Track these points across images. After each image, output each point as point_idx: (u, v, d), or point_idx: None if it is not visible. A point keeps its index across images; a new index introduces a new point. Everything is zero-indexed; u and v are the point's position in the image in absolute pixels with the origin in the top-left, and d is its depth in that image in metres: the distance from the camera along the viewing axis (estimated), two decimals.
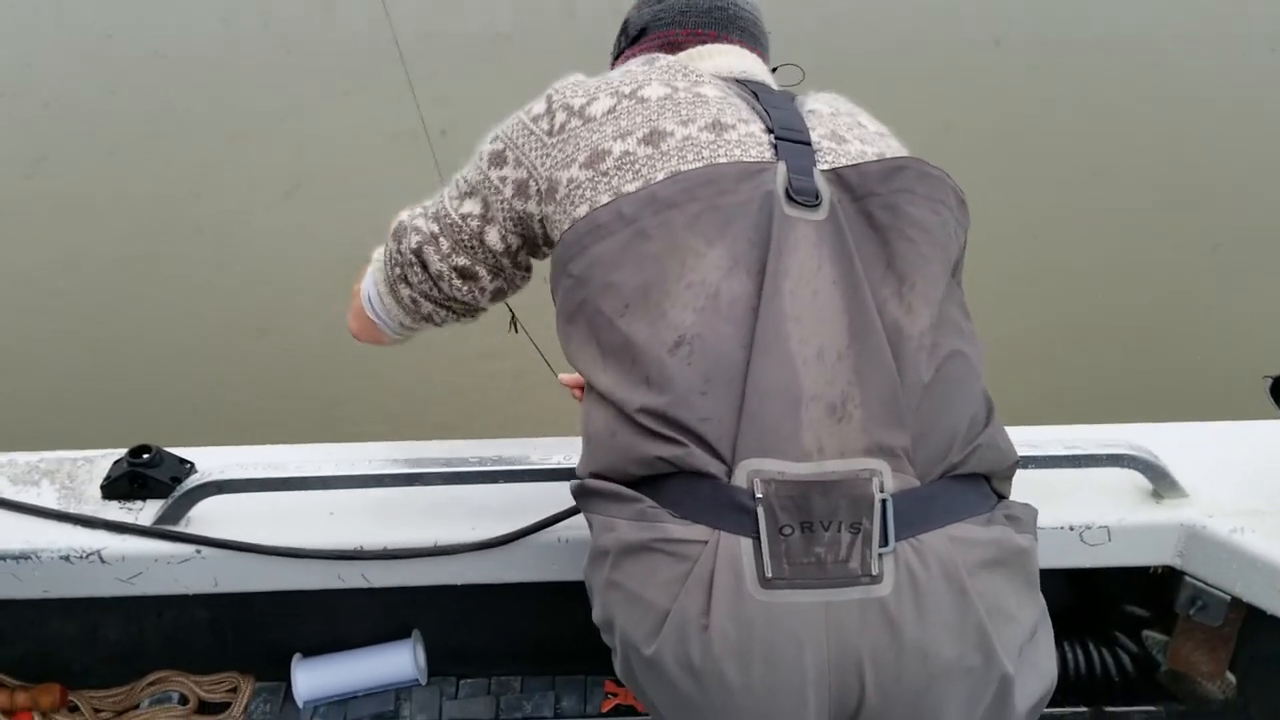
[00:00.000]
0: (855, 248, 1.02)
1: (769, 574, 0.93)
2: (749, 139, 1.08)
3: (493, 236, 1.19)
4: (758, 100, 1.14)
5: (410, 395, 1.49)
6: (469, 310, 1.28)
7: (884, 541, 0.94)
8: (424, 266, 1.22)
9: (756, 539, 0.94)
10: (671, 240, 1.02)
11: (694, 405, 0.97)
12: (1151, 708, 1.61)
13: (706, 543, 0.95)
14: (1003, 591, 0.98)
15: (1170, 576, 1.47)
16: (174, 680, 1.60)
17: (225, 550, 1.35)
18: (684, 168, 1.04)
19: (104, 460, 1.46)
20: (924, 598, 0.94)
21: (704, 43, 1.27)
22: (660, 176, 1.04)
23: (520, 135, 1.15)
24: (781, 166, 1.04)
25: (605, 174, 1.07)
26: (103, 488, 1.41)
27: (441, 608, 1.56)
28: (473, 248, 1.20)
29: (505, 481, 1.35)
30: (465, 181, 1.21)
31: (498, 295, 1.26)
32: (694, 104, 1.11)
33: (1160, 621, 1.56)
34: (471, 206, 1.19)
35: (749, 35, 1.30)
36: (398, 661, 1.59)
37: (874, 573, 0.93)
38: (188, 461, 1.45)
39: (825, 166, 1.06)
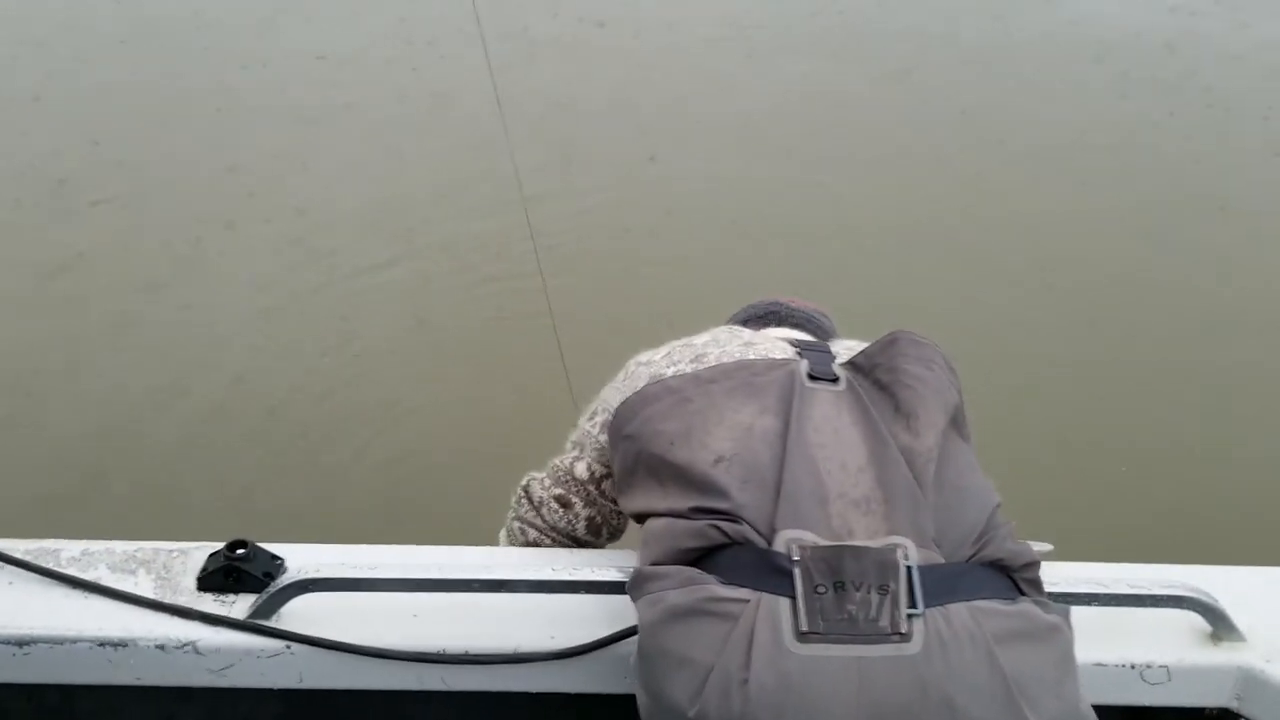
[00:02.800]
0: (869, 402, 1.25)
1: (805, 628, 1.04)
2: (776, 348, 1.38)
3: (581, 468, 1.51)
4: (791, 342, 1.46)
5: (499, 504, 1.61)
6: (574, 541, 1.55)
7: (911, 604, 1.05)
8: (529, 496, 1.54)
9: (794, 598, 1.06)
10: (710, 401, 1.26)
11: (736, 497, 1.14)
12: None
13: (749, 601, 1.06)
14: (1033, 662, 1.07)
15: (1227, 718, 1.50)
16: None
17: (313, 647, 1.40)
18: (721, 363, 1.32)
19: (198, 553, 1.52)
20: (952, 659, 1.03)
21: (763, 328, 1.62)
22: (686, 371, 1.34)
23: (605, 391, 1.50)
24: (804, 361, 1.31)
25: (657, 380, 1.37)
26: (199, 580, 1.47)
27: (518, 716, 1.59)
28: (567, 481, 1.52)
29: (586, 592, 1.41)
30: (571, 443, 1.55)
31: (592, 525, 1.54)
32: (731, 338, 1.42)
33: None
34: (572, 452, 1.53)
35: (801, 324, 1.62)
36: None
37: (903, 631, 1.04)
38: (279, 558, 1.51)
39: (841, 362, 1.34)
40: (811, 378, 1.30)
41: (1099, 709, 1.46)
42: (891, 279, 4.35)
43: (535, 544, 1.54)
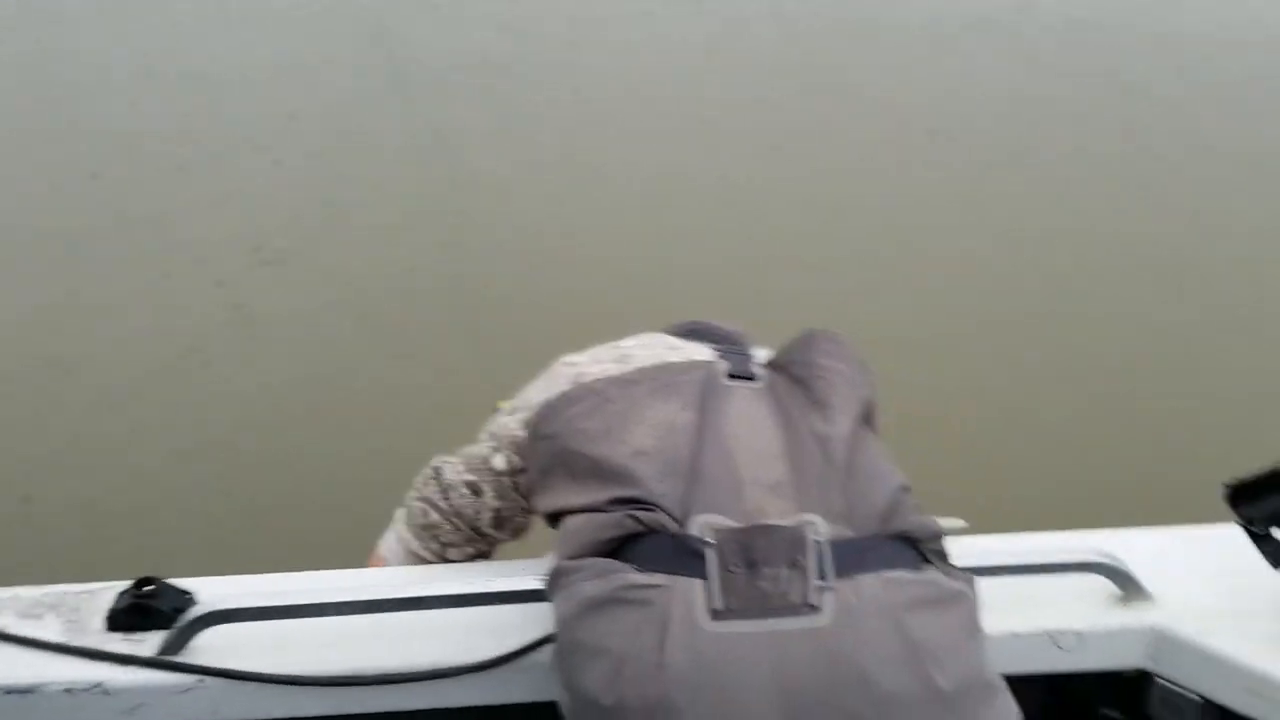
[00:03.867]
0: (784, 395, 1.30)
1: (718, 607, 1.06)
2: (699, 352, 1.44)
3: (499, 460, 1.50)
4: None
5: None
6: (474, 532, 1.54)
7: (821, 577, 1.08)
8: (438, 479, 1.54)
9: (707, 579, 1.08)
10: (631, 401, 1.28)
11: (652, 487, 1.17)
12: None
13: (663, 586, 1.08)
14: (939, 628, 1.10)
15: (1143, 679, 1.52)
16: None
17: (226, 679, 1.38)
18: (644, 365, 1.37)
19: (107, 593, 1.49)
20: (861, 628, 1.06)
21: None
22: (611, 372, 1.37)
23: (529, 389, 1.51)
24: (723, 362, 1.36)
25: (579, 381, 1.36)
26: (107, 620, 1.44)
27: None
28: (482, 469, 1.51)
29: (505, 603, 1.40)
30: (488, 434, 1.55)
31: (498, 518, 1.54)
32: (656, 342, 1.48)
33: None
34: (488, 443, 1.53)
35: (721, 341, 1.61)
36: None
37: (814, 603, 1.07)
38: (187, 592, 1.49)
39: (758, 360, 1.40)
40: (731, 376, 1.34)
41: (1017, 678, 1.48)
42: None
43: (434, 527, 1.53)
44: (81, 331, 3.96)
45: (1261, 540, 1.37)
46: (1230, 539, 1.44)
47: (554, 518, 1.30)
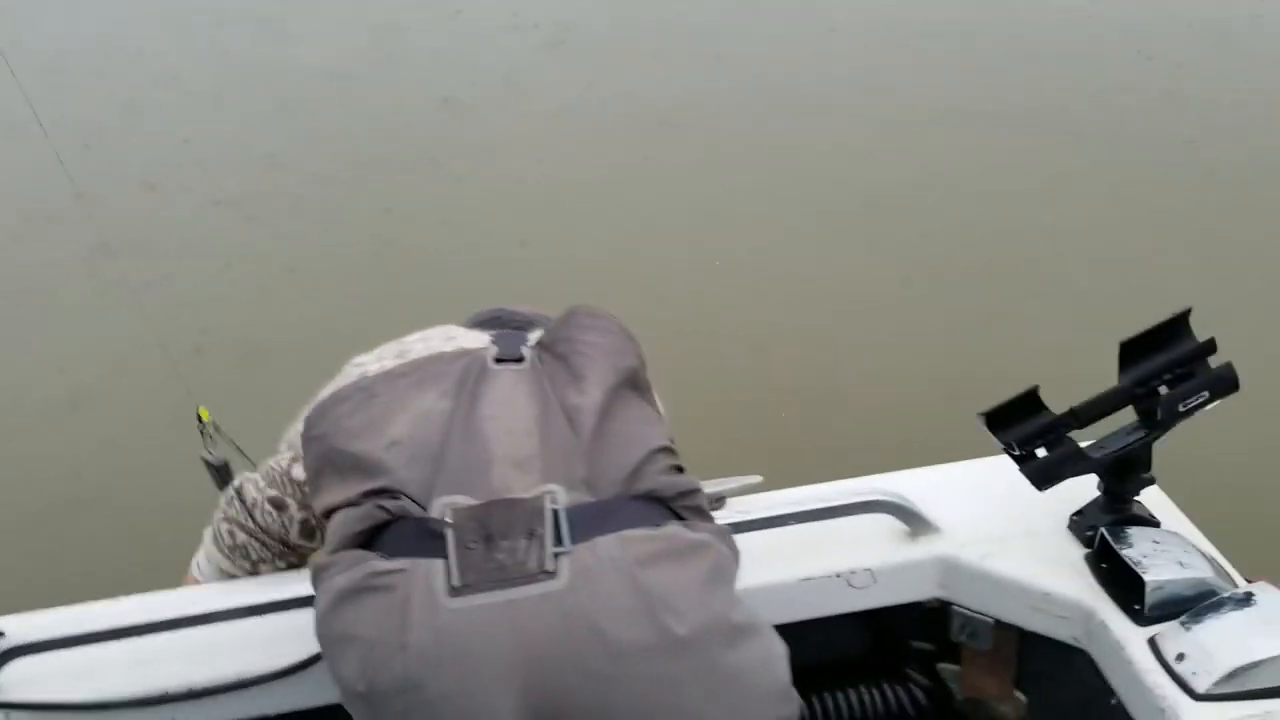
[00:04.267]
0: (548, 375, 1.32)
1: (456, 584, 1.09)
2: (474, 340, 1.43)
3: (298, 469, 1.49)
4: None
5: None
6: (284, 545, 1.56)
7: (559, 543, 1.11)
8: (241, 498, 1.53)
9: (446, 558, 1.10)
10: (394, 394, 1.30)
11: (402, 476, 1.19)
12: None
13: (405, 570, 1.11)
14: (676, 578, 1.13)
15: (944, 608, 1.58)
16: None
17: (32, 711, 1.40)
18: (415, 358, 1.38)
19: None
20: (596, 587, 1.09)
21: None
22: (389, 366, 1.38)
23: (321, 391, 1.45)
24: (493, 347, 1.37)
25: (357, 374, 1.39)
26: None
27: None
28: (282, 482, 1.52)
29: (302, 608, 1.42)
30: (285, 443, 1.57)
31: (306, 528, 1.54)
32: (438, 335, 1.47)
33: (950, 653, 1.66)
34: (287, 453, 1.54)
35: (521, 327, 1.61)
36: None
37: (549, 569, 1.10)
38: None
39: (531, 342, 1.39)
40: (498, 360, 1.36)
41: (827, 621, 1.54)
42: None
43: (243, 547, 1.54)
44: None
45: (1023, 462, 1.43)
46: (1000, 468, 1.49)
47: (327, 517, 1.32)
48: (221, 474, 1.78)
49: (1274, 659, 1.25)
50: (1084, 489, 1.51)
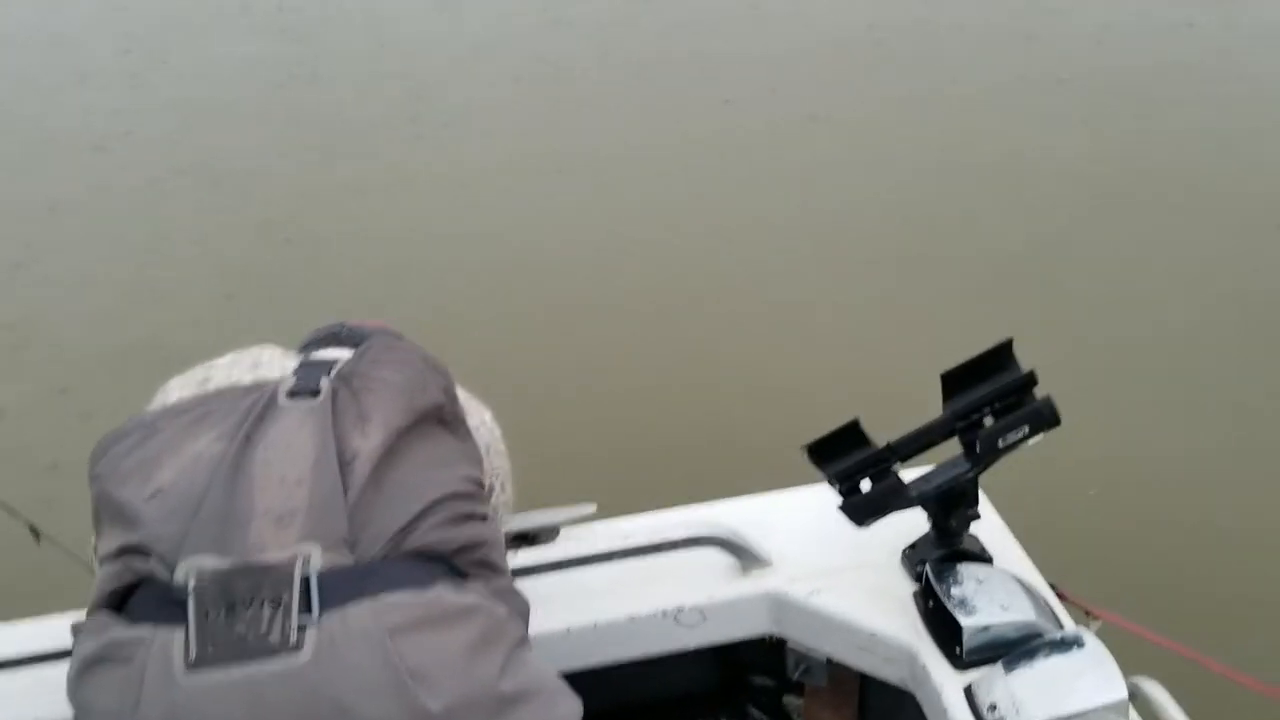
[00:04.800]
0: (338, 411, 1.21)
1: (194, 658, 1.00)
2: (276, 368, 1.32)
3: None
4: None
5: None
6: None
7: (306, 611, 1.02)
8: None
9: (186, 627, 1.01)
10: (176, 432, 1.19)
11: (155, 532, 1.09)
12: None
13: (144, 639, 1.02)
14: (435, 647, 1.05)
15: (781, 644, 1.52)
16: None
17: None
18: (205, 390, 1.28)
19: None
20: (343, 660, 1.01)
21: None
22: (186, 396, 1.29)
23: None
24: (291, 378, 1.25)
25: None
26: None
27: None
28: None
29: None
30: None
31: None
32: (245, 360, 1.36)
33: (795, 686, 1.60)
34: None
35: (359, 343, 1.50)
36: None
37: (293, 643, 1.00)
38: None
39: (335, 372, 1.28)
40: (291, 394, 1.25)
41: (644, 663, 1.48)
42: None
43: None
44: None
45: (847, 496, 1.37)
46: (830, 497, 1.43)
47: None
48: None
49: (1088, 712, 1.20)
50: (921, 518, 1.45)
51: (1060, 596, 1.48)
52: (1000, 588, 1.34)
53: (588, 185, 4.95)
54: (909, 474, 1.39)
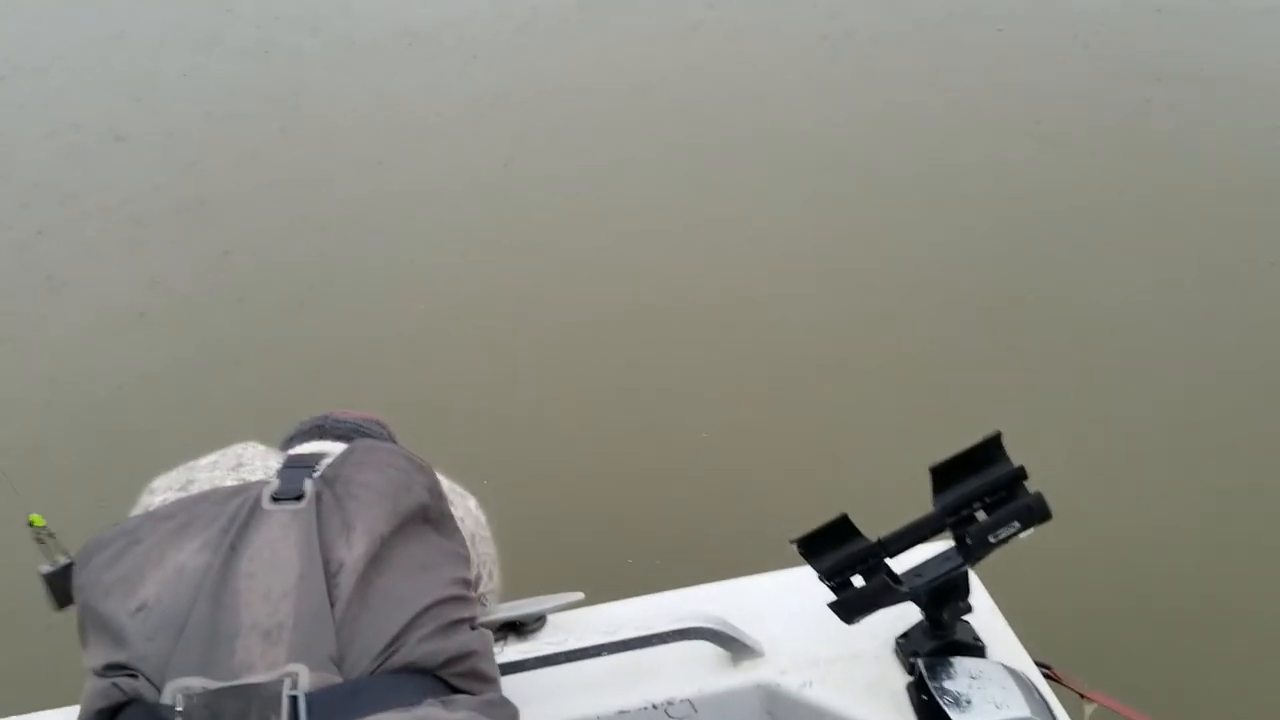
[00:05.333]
0: (323, 517, 1.20)
1: None
2: (259, 469, 1.32)
3: None
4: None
5: None
6: None
7: None
8: None
9: None
10: (158, 540, 1.18)
11: (139, 649, 1.08)
12: None
13: None
14: None
15: None
16: None
17: None
18: (187, 495, 1.26)
19: None
20: None
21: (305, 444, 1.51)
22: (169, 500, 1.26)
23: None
24: (275, 481, 1.25)
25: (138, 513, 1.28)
26: None
27: None
28: None
29: None
30: None
31: None
32: (229, 461, 1.35)
33: None
34: None
35: (346, 436, 1.51)
36: None
37: None
38: None
39: (318, 474, 1.27)
40: (275, 499, 1.24)
41: None
42: None
43: None
44: None
45: (839, 590, 1.35)
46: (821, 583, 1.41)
47: None
48: (59, 585, 1.65)
49: None
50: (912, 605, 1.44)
51: (1055, 679, 1.47)
52: (994, 683, 1.32)
53: (569, 262, 4.82)
54: (900, 564, 1.38)
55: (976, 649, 1.41)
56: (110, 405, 4.11)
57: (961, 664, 1.35)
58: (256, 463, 1.39)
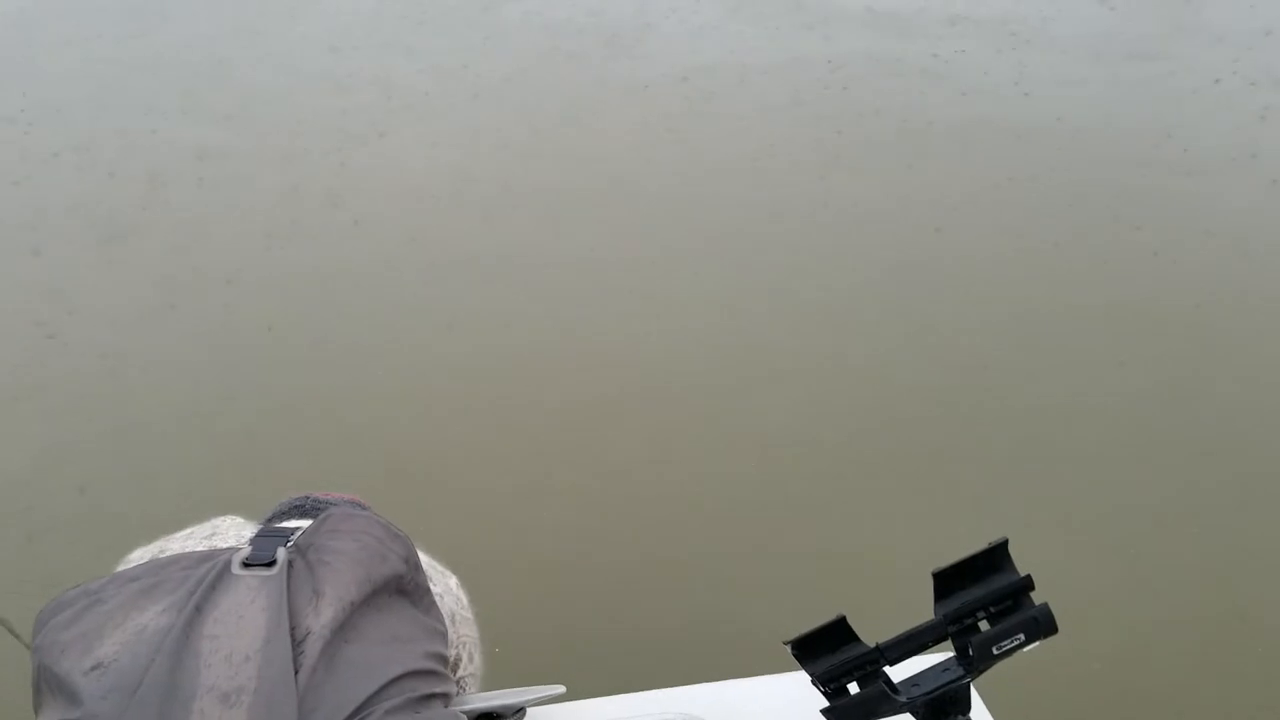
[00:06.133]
0: (293, 584, 1.17)
1: None
2: (232, 537, 1.32)
3: None
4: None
5: None
6: None
7: None
8: None
9: None
10: (122, 601, 1.15)
11: (93, 709, 1.04)
12: None
13: None
14: None
15: None
16: None
17: None
18: (156, 558, 1.24)
19: None
20: None
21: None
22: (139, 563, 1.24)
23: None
24: (247, 547, 1.22)
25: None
26: None
27: None
28: None
29: None
30: None
31: None
32: (204, 531, 1.35)
33: None
34: None
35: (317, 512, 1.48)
36: None
37: None
38: None
39: (290, 543, 1.24)
40: (246, 564, 1.22)
41: None
42: None
43: None
44: None
45: (831, 698, 1.29)
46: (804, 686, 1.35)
47: None
48: None
49: None
50: None
51: None
52: None
53: (556, 346, 4.79)
54: (898, 672, 1.32)
55: None
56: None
57: None
58: (231, 533, 1.36)
